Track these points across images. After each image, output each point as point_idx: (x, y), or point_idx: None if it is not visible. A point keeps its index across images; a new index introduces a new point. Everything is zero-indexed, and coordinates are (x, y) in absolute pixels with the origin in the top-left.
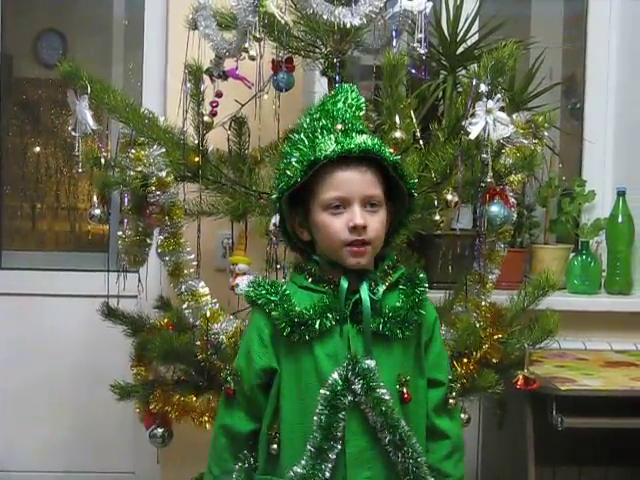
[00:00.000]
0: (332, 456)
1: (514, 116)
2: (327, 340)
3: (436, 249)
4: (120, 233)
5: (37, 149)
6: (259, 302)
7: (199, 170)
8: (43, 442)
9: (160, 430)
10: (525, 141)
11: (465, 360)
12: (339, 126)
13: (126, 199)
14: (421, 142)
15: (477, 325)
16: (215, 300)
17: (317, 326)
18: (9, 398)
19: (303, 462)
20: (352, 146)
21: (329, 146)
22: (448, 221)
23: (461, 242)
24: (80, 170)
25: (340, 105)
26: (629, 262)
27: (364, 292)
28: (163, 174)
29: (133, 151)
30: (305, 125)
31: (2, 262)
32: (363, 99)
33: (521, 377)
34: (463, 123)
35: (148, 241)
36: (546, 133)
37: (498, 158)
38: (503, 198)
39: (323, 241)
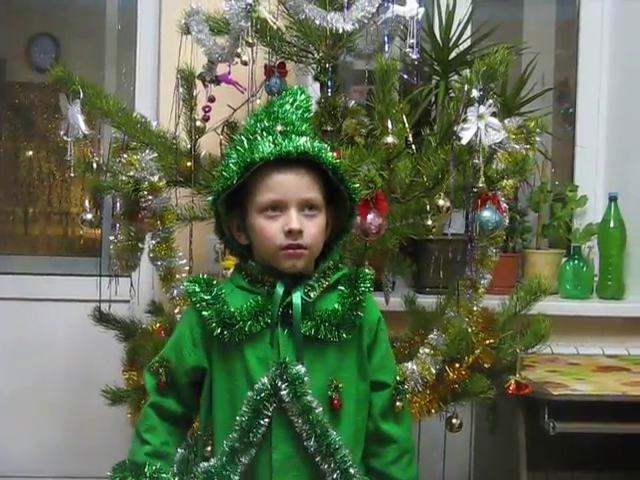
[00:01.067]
0: (244, 460)
1: (506, 121)
2: (258, 343)
3: (428, 254)
4: (112, 238)
5: (29, 153)
6: (193, 299)
7: (191, 175)
8: (35, 446)
9: None
10: (517, 146)
11: (457, 365)
12: (279, 127)
13: (118, 204)
14: (413, 147)
15: (469, 330)
16: None
17: (247, 328)
18: (1, 402)
19: (215, 460)
20: (290, 148)
21: (266, 148)
22: (440, 226)
23: (453, 247)
24: (72, 174)
25: (287, 107)
26: (621, 267)
27: (296, 296)
28: (155, 179)
29: (125, 156)
30: (248, 126)
31: None
32: (312, 101)
33: (513, 382)
34: (455, 128)
35: (140, 246)
36: (538, 138)
37: (490, 163)
38: (495, 203)
39: (259, 245)
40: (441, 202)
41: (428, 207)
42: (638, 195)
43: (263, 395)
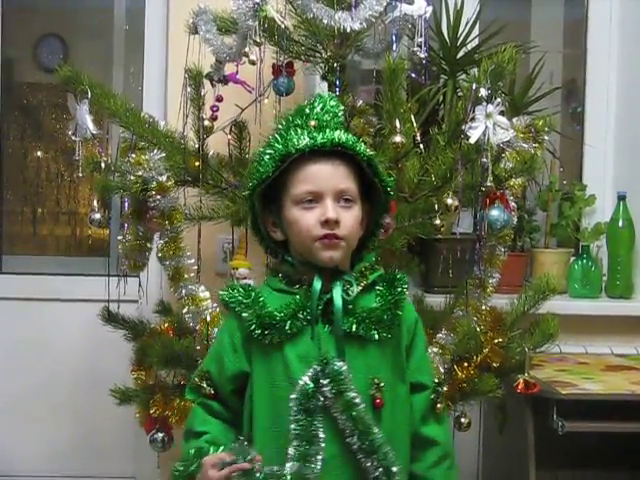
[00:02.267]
0: (319, 458)
1: (514, 120)
2: (298, 341)
3: (436, 253)
4: (120, 237)
5: (38, 153)
6: (231, 305)
7: (199, 174)
8: (43, 447)
9: (160, 435)
10: (525, 145)
11: (466, 364)
12: (312, 122)
13: (126, 203)
14: (421, 146)
15: (477, 329)
16: (215, 304)
17: (287, 327)
18: (9, 402)
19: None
20: (324, 140)
21: (302, 140)
22: (448, 225)
23: (461, 246)
24: (80, 174)
25: (318, 110)
26: (630, 266)
27: (336, 292)
28: (163, 178)
29: (133, 155)
30: (281, 126)
31: (3, 266)
32: (342, 108)
33: (522, 381)
34: (463, 127)
35: (148, 245)
36: (546, 137)
37: (498, 162)
38: (503, 202)
39: (295, 238)
40: (449, 201)
41: (436, 206)
42: None
43: (308, 393)
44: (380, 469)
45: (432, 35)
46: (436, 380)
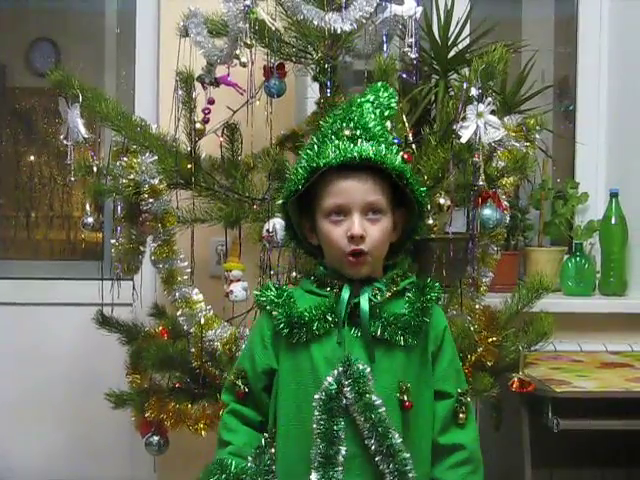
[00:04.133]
0: (341, 459)
1: (506, 119)
2: (325, 342)
3: (429, 253)
4: (114, 241)
5: (31, 158)
6: (264, 304)
7: (192, 177)
8: (39, 450)
9: (156, 438)
10: (517, 144)
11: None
12: (347, 132)
13: (119, 207)
14: (413, 146)
15: (471, 328)
16: (209, 307)
17: (315, 328)
18: (5, 406)
19: (316, 474)
20: (354, 154)
21: (331, 153)
22: (441, 225)
23: (454, 246)
24: (73, 179)
25: (367, 105)
26: (623, 263)
27: (364, 299)
28: (156, 181)
29: (125, 159)
30: (324, 127)
31: None
32: (395, 99)
33: (516, 380)
34: (454, 127)
35: (142, 249)
36: (538, 136)
37: (490, 161)
38: (496, 201)
39: (326, 248)
40: (442, 201)
41: (429, 206)
42: (639, 191)
43: (332, 394)
44: (395, 473)
45: (423, 35)
46: (459, 390)
